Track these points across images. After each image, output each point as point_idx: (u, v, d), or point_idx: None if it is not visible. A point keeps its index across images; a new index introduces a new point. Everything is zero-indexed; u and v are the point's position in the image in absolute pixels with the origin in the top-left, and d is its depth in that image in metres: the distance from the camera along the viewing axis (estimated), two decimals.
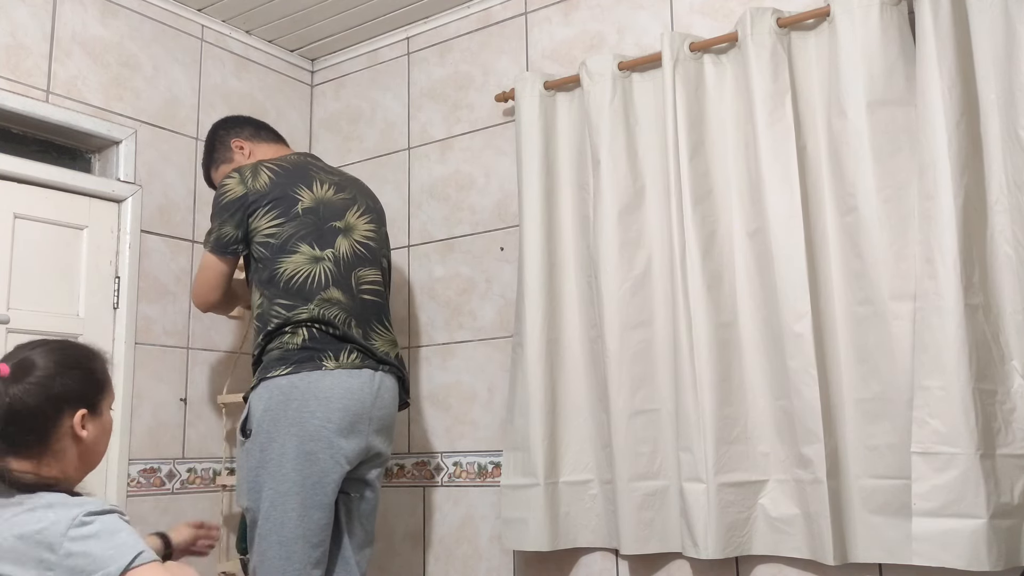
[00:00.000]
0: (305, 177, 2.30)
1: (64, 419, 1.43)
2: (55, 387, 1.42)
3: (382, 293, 2.33)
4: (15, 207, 2.43)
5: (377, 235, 2.38)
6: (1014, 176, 1.93)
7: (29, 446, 1.41)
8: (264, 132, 2.50)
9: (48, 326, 2.46)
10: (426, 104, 2.98)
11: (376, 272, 2.32)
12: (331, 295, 2.20)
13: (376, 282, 2.31)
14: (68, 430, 1.43)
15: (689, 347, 2.17)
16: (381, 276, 2.34)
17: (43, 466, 1.42)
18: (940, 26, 1.96)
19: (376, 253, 2.35)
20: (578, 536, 2.39)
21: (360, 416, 2.13)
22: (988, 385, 1.88)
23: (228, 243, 2.25)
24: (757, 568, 2.19)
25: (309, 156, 2.45)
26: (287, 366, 2.12)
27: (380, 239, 2.39)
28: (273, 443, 2.08)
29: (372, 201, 2.44)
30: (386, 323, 2.32)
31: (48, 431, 1.42)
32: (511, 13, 2.83)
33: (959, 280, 1.88)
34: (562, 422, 2.41)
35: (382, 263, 2.37)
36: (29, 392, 1.40)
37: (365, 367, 2.17)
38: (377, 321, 2.29)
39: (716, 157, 2.28)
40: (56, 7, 2.57)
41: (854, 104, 2.07)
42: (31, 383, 1.41)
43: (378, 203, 2.47)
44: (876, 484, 2.00)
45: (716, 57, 2.32)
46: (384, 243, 2.42)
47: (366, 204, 2.40)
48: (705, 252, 2.21)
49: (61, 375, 1.43)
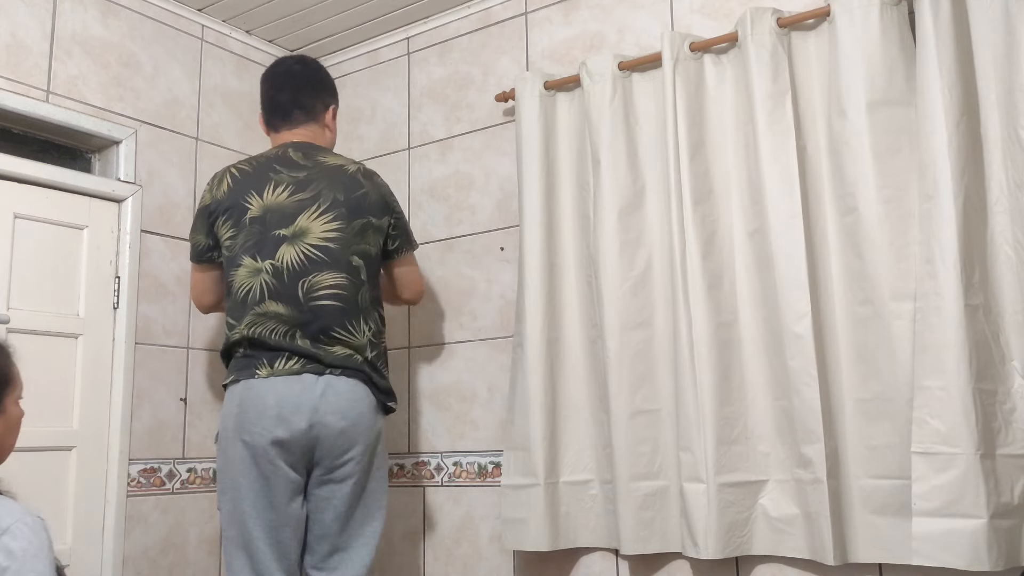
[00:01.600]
0: (261, 181, 2.26)
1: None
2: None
3: (345, 297, 2.18)
4: (15, 207, 2.43)
5: (343, 233, 2.21)
6: (1014, 176, 1.93)
7: None
8: (275, 119, 2.41)
9: (48, 326, 2.47)
10: (426, 104, 2.98)
11: (337, 275, 2.17)
12: (267, 308, 2.15)
13: (336, 286, 2.17)
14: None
15: (689, 347, 2.17)
16: (346, 278, 2.18)
17: None
18: (940, 26, 1.96)
19: (338, 254, 2.19)
20: (578, 536, 2.39)
21: (296, 422, 2.08)
22: (988, 385, 1.88)
23: (202, 251, 2.34)
24: (757, 568, 2.19)
25: (288, 148, 2.33)
26: (233, 374, 2.19)
27: (348, 237, 2.21)
28: (227, 449, 2.14)
29: (348, 192, 2.25)
30: (351, 326, 2.17)
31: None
32: (511, 13, 2.83)
33: (959, 280, 1.88)
34: (562, 422, 2.41)
35: (351, 262, 2.20)
36: None
37: (307, 372, 2.11)
38: (338, 326, 2.16)
39: (716, 157, 2.28)
40: (56, 7, 2.57)
41: (854, 104, 2.07)
42: None
43: (359, 191, 2.26)
44: (876, 484, 2.00)
45: (716, 57, 2.32)
46: (357, 238, 2.23)
47: (332, 199, 2.23)
48: (705, 252, 2.21)
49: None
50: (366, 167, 2.37)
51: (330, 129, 2.45)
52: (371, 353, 2.20)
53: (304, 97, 2.40)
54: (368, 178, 2.32)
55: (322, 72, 2.50)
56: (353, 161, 2.38)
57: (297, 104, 2.39)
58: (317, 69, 2.49)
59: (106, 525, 2.53)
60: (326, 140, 2.43)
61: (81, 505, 2.48)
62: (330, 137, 2.45)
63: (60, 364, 2.49)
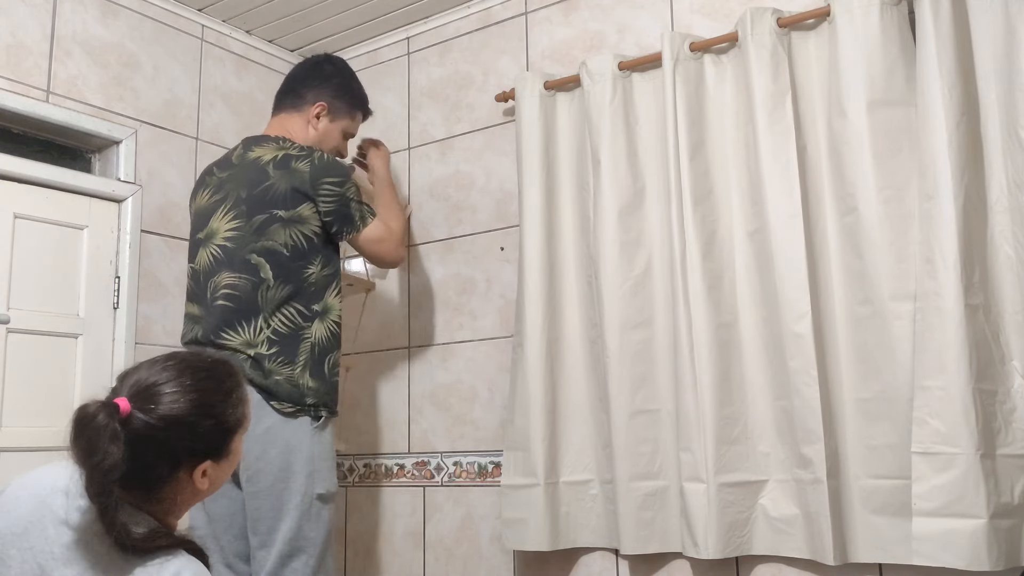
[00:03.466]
0: (199, 187, 2.36)
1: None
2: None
3: (238, 297, 2.13)
4: (15, 207, 2.43)
5: (240, 231, 2.17)
6: (1014, 176, 1.93)
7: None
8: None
9: (48, 326, 2.46)
10: (426, 104, 2.98)
11: (233, 275, 2.14)
12: (189, 310, 2.25)
13: (230, 285, 2.14)
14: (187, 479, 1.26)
15: (689, 347, 2.17)
16: (240, 277, 2.14)
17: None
18: (940, 26, 1.96)
19: (235, 253, 2.16)
20: (578, 536, 2.39)
21: None
22: (988, 385, 1.88)
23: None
24: (757, 568, 2.19)
25: (239, 144, 2.33)
26: None
27: (246, 235, 2.16)
28: None
29: (252, 187, 2.19)
30: (240, 326, 2.12)
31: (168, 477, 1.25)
32: (511, 13, 2.83)
33: (959, 280, 1.88)
34: (562, 422, 2.41)
35: (248, 260, 2.14)
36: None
37: None
38: (227, 325, 2.12)
39: (716, 157, 2.28)
40: (56, 7, 2.57)
41: (854, 104, 2.07)
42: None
43: (263, 184, 2.18)
44: (876, 484, 2.00)
45: (716, 57, 2.32)
46: (256, 235, 2.15)
47: (235, 197, 2.20)
48: (705, 252, 2.21)
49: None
50: (293, 152, 2.22)
51: (314, 127, 2.38)
52: (268, 350, 2.10)
53: (296, 84, 2.40)
54: (282, 167, 2.18)
55: (332, 70, 2.44)
56: (282, 147, 2.24)
57: (286, 90, 2.41)
58: (331, 66, 2.46)
59: None
60: (305, 134, 2.37)
61: None
62: (313, 135, 2.38)
63: (60, 364, 2.49)
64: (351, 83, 2.49)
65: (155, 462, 1.21)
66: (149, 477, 1.21)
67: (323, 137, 2.40)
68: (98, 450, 1.13)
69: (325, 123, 2.40)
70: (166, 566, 1.17)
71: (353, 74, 2.53)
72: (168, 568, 1.17)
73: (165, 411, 1.20)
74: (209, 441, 1.25)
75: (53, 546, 1.20)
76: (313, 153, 2.24)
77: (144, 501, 1.23)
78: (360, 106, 2.51)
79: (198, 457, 1.25)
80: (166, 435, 1.20)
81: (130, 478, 1.17)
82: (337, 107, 2.42)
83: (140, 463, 1.18)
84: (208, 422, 1.24)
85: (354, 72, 2.54)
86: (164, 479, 1.23)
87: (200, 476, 1.26)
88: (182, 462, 1.23)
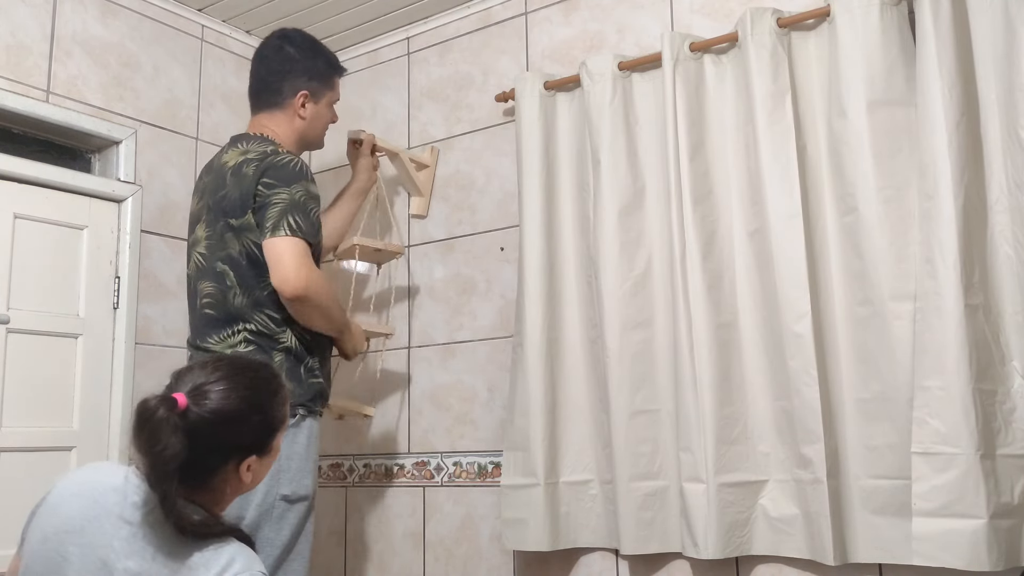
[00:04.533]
0: (193, 191, 2.34)
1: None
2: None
3: (214, 304, 2.14)
4: (15, 207, 2.43)
5: (211, 240, 2.16)
6: (1014, 176, 1.92)
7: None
8: (250, 104, 2.37)
9: (48, 326, 2.47)
10: (426, 104, 2.98)
11: (209, 283, 2.15)
12: (189, 314, 2.26)
13: (208, 294, 2.15)
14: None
15: (689, 347, 2.17)
16: (213, 285, 2.14)
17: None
18: (940, 26, 1.96)
19: (208, 260, 2.16)
20: (578, 536, 2.39)
21: None
22: (988, 385, 1.88)
23: None
24: (757, 568, 2.19)
25: (226, 145, 2.29)
26: None
27: (214, 243, 2.15)
28: None
29: (215, 195, 2.17)
30: (217, 334, 2.12)
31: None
32: (511, 13, 2.83)
33: (959, 280, 1.87)
34: (562, 422, 2.41)
35: (215, 268, 2.14)
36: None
37: None
38: (210, 330, 2.14)
39: (716, 157, 2.28)
40: (56, 7, 2.57)
41: (854, 104, 2.06)
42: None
43: (221, 192, 2.15)
44: (876, 484, 2.00)
45: (716, 57, 2.32)
46: (220, 243, 2.14)
47: (207, 204, 2.19)
48: (705, 252, 2.21)
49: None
50: (252, 156, 2.15)
51: (302, 116, 2.31)
52: (243, 349, 2.10)
53: (269, 79, 2.32)
54: (236, 173, 2.13)
55: (294, 51, 2.33)
56: (244, 152, 2.17)
57: (259, 88, 2.33)
58: (291, 47, 2.34)
59: None
60: (291, 127, 2.30)
61: None
62: (301, 125, 2.31)
63: (60, 364, 2.49)
64: (318, 58, 2.38)
65: (208, 454, 1.31)
66: (202, 468, 1.31)
67: (311, 122, 2.34)
68: (160, 440, 1.24)
69: (311, 108, 2.33)
70: (221, 551, 1.26)
71: (315, 44, 2.41)
72: (223, 553, 1.27)
73: (218, 406, 1.30)
74: (256, 436, 1.37)
75: (112, 540, 1.29)
76: (266, 159, 2.13)
77: (195, 491, 1.32)
78: (335, 71, 2.42)
79: (245, 452, 1.35)
80: (218, 428, 1.30)
81: (185, 468, 1.26)
82: (315, 87, 2.34)
83: (195, 454, 1.27)
84: (257, 418, 1.36)
85: (314, 40, 2.43)
86: (215, 470, 1.33)
87: (245, 470, 1.36)
88: (231, 455, 1.34)
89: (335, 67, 2.44)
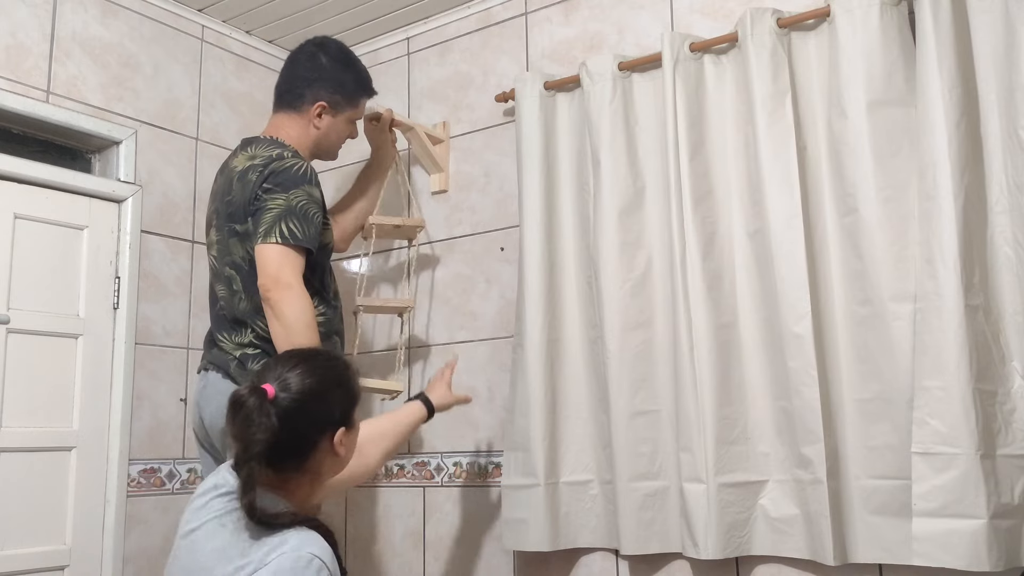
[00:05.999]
0: (210, 195, 2.34)
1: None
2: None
3: (224, 307, 2.17)
4: (15, 207, 2.43)
5: (220, 244, 2.18)
6: (1014, 176, 1.93)
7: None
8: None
9: (48, 326, 2.47)
10: (426, 104, 2.98)
11: (221, 286, 2.18)
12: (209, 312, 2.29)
13: (221, 297, 2.18)
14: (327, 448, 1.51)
15: (689, 348, 2.17)
16: (224, 288, 2.17)
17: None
18: (940, 26, 1.96)
19: (219, 264, 2.19)
20: (578, 536, 2.39)
21: (194, 413, 2.21)
22: (988, 385, 1.88)
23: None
24: (757, 568, 2.19)
25: (234, 152, 2.28)
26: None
27: (223, 248, 2.17)
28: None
29: (222, 200, 2.18)
30: (226, 335, 2.15)
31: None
32: (511, 13, 2.83)
33: (959, 281, 1.88)
34: (562, 422, 2.41)
35: (224, 273, 2.17)
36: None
37: (201, 370, 2.22)
38: (224, 330, 2.17)
39: (716, 157, 2.28)
40: (56, 7, 2.57)
41: (854, 104, 2.06)
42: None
43: (227, 197, 2.16)
44: (876, 484, 2.00)
45: (716, 57, 2.32)
46: (227, 249, 2.16)
47: (216, 210, 2.21)
48: (705, 253, 2.21)
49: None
50: (258, 162, 2.14)
51: (316, 126, 2.30)
52: (253, 351, 2.12)
53: (294, 81, 2.31)
54: (242, 179, 2.14)
55: (327, 62, 2.33)
56: (252, 157, 2.16)
57: (285, 88, 2.33)
58: (325, 57, 2.33)
59: (106, 525, 2.53)
60: (305, 133, 2.29)
61: (81, 505, 2.48)
62: (315, 134, 2.30)
63: (60, 364, 2.49)
64: (347, 72, 2.36)
65: (303, 432, 1.46)
66: (299, 446, 1.46)
67: (326, 133, 2.33)
68: (252, 423, 1.40)
69: (327, 120, 2.31)
70: (289, 537, 1.38)
71: (350, 59, 2.39)
72: (291, 538, 1.38)
73: (302, 386, 1.46)
74: (341, 408, 1.52)
75: (200, 531, 1.46)
76: (271, 163, 2.12)
77: (296, 471, 1.47)
78: (362, 92, 2.40)
79: (335, 424, 1.50)
80: (307, 405, 1.46)
81: (283, 450, 1.43)
82: (336, 101, 2.32)
83: (291, 434, 1.43)
84: (337, 391, 1.52)
85: (351, 55, 2.40)
86: (311, 446, 1.48)
87: (339, 444, 1.50)
88: (324, 429, 1.49)
89: (364, 87, 2.41)
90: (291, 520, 1.40)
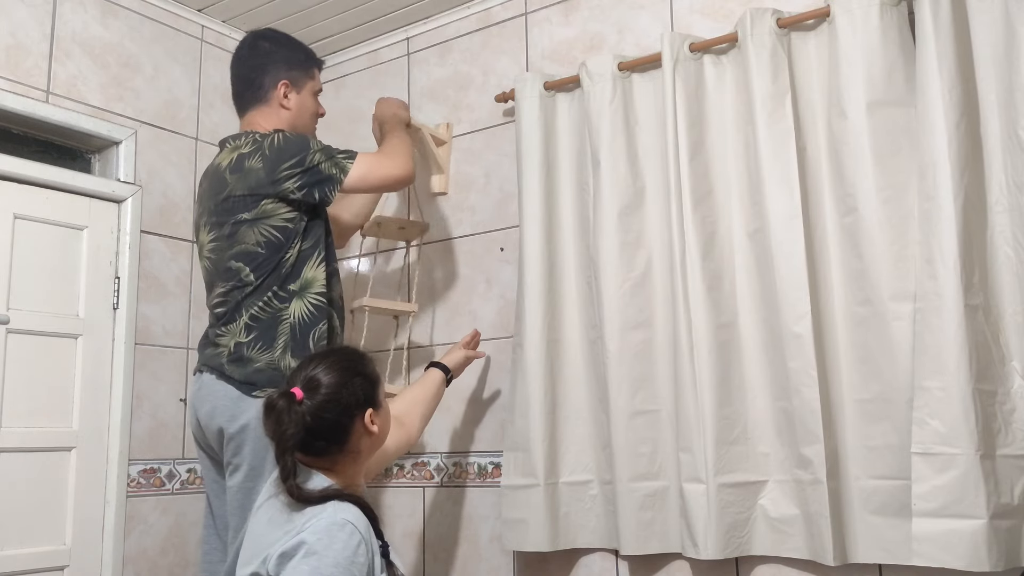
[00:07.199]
0: (194, 201, 2.36)
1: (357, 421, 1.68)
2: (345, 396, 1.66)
3: (224, 302, 2.15)
4: (15, 207, 2.43)
5: (218, 242, 2.16)
6: (1014, 176, 1.93)
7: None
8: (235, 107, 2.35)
9: (48, 326, 2.47)
10: (426, 104, 2.98)
11: (222, 284, 2.15)
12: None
13: (222, 293, 2.16)
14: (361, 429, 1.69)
15: (689, 348, 2.17)
16: (226, 284, 2.15)
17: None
18: (940, 26, 1.96)
19: (218, 263, 2.16)
20: (578, 536, 2.39)
21: (191, 416, 2.20)
22: (988, 386, 1.88)
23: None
24: (757, 568, 2.19)
25: (216, 155, 2.25)
26: None
27: (222, 244, 2.15)
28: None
29: (215, 197, 2.16)
30: (225, 328, 2.14)
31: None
32: (511, 13, 2.83)
33: (959, 281, 1.87)
34: (562, 422, 2.41)
35: (229, 267, 2.14)
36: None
37: (196, 372, 2.20)
38: (217, 330, 2.15)
39: (716, 157, 2.28)
40: (56, 7, 2.57)
41: (854, 105, 2.07)
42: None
43: (223, 192, 2.14)
44: (876, 484, 2.00)
45: (716, 57, 2.32)
46: (230, 241, 2.14)
47: (206, 209, 2.20)
48: (705, 252, 2.21)
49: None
50: (246, 150, 2.14)
51: (286, 106, 2.27)
52: (247, 337, 2.10)
53: (250, 76, 2.29)
54: (237, 170, 2.13)
55: (269, 45, 2.32)
56: (237, 148, 2.17)
57: (242, 88, 2.31)
58: (265, 42, 2.33)
59: (106, 525, 2.53)
60: (277, 119, 2.26)
61: (81, 505, 2.48)
62: (288, 116, 2.27)
63: (60, 364, 2.49)
64: (292, 49, 2.36)
65: (335, 420, 1.64)
66: (335, 433, 1.64)
67: (298, 112, 2.31)
68: (282, 424, 1.58)
69: (294, 98, 2.29)
70: (328, 506, 1.56)
71: (287, 37, 2.40)
72: (329, 507, 1.56)
73: (326, 381, 1.64)
74: (365, 391, 1.68)
75: (262, 508, 1.69)
76: (263, 143, 2.13)
77: (339, 453, 1.66)
78: (313, 62, 2.38)
79: (363, 406, 1.67)
80: (336, 396, 1.63)
81: (322, 439, 1.63)
82: (295, 76, 2.30)
83: (324, 424, 1.62)
84: (358, 379, 1.68)
85: (287, 34, 2.41)
86: (345, 432, 1.66)
87: (371, 423, 1.68)
88: (353, 415, 1.66)
89: (312, 58, 2.41)
90: (331, 494, 1.58)
